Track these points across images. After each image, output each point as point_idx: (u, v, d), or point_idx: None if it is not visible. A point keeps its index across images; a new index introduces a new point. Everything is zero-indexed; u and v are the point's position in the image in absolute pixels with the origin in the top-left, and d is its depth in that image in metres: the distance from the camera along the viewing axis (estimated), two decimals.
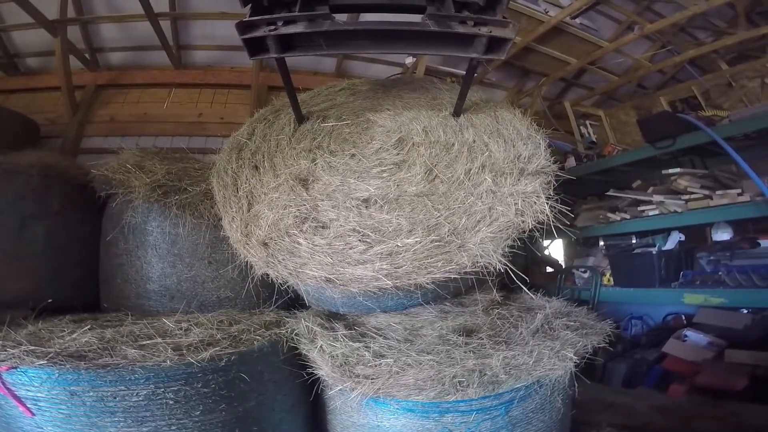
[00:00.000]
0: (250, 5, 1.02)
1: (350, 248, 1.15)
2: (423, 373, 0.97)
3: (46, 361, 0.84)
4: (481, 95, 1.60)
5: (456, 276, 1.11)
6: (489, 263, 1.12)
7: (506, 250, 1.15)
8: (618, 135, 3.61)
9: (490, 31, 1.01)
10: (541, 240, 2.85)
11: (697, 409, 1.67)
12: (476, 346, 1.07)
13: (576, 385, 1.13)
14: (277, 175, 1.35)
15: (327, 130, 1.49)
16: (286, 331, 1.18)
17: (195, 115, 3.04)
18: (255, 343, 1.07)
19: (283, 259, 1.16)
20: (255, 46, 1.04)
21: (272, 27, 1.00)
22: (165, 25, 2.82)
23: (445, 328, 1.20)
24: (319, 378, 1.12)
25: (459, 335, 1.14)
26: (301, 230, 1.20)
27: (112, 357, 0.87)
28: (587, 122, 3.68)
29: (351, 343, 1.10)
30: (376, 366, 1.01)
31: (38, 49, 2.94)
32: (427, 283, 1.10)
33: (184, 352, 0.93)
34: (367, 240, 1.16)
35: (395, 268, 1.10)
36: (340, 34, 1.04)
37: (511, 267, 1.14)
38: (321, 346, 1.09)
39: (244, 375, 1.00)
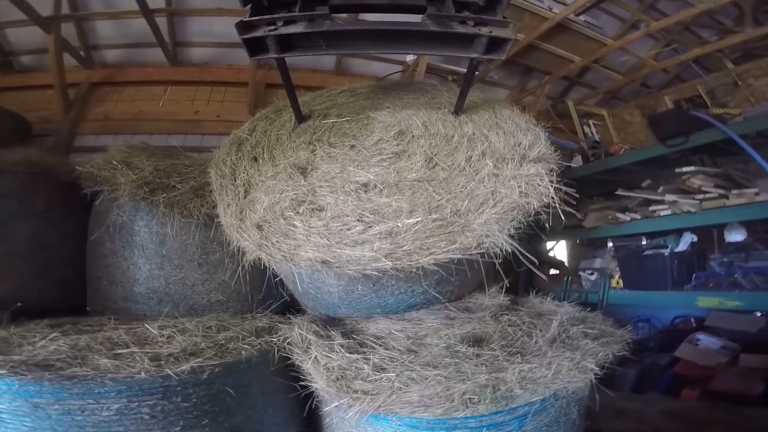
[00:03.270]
0: (249, 5, 1.01)
1: (348, 229, 1.08)
2: (429, 389, 0.88)
3: (6, 371, 0.75)
4: (479, 95, 1.57)
5: (461, 257, 1.03)
6: (494, 243, 1.05)
7: (512, 230, 1.08)
8: (621, 135, 3.54)
9: (491, 31, 1.00)
10: (544, 241, 2.79)
11: (710, 415, 1.61)
12: (488, 359, 0.97)
13: (597, 396, 1.04)
14: (276, 164, 1.30)
15: (327, 126, 1.45)
16: (278, 340, 1.09)
17: (191, 113, 2.98)
18: (243, 352, 0.98)
19: (277, 242, 1.09)
20: (255, 46, 1.03)
21: (272, 27, 0.99)
22: (161, 21, 2.75)
23: (452, 337, 1.10)
24: (313, 391, 1.03)
25: (468, 345, 1.05)
26: (297, 212, 1.14)
27: (81, 367, 0.79)
28: (590, 122, 3.62)
29: (348, 354, 1.01)
30: (376, 381, 0.92)
31: (32, 46, 2.88)
32: (430, 265, 1.02)
33: (163, 362, 0.84)
34: (366, 220, 1.09)
35: (396, 247, 1.03)
36: (340, 34, 1.03)
37: (519, 248, 1.07)
38: (315, 357, 1.00)
39: (230, 388, 0.91)
